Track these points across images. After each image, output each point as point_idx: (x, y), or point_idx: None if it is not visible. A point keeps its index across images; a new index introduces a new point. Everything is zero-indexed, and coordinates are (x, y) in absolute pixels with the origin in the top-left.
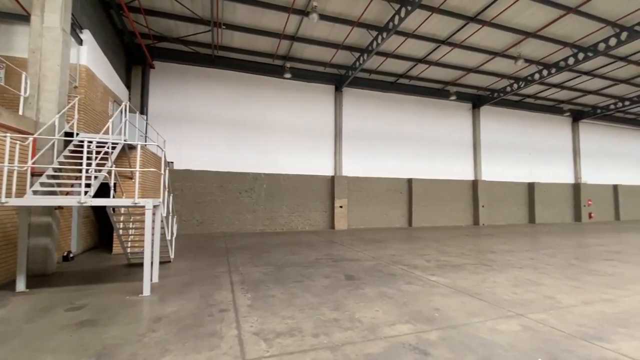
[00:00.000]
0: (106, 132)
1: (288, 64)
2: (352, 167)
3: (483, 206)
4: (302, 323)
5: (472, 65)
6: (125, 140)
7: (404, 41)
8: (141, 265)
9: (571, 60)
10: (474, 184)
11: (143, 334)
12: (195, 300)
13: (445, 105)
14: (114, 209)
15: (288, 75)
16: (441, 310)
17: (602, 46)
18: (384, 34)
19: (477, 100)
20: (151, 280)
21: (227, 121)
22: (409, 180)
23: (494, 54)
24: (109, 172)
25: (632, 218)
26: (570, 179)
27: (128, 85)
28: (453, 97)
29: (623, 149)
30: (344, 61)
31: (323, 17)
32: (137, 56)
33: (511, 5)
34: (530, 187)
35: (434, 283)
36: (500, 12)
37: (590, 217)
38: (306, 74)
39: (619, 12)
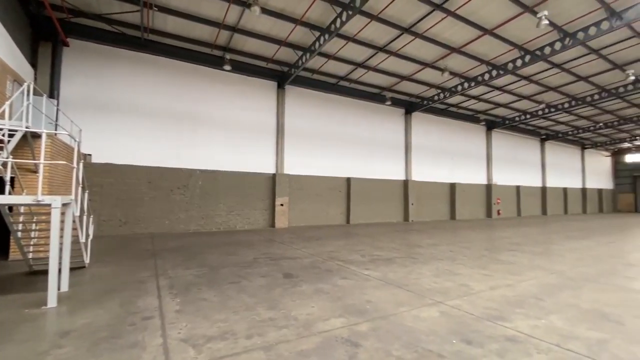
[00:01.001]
0: (2, 117)
1: (228, 56)
2: (294, 166)
3: (412, 204)
4: (236, 325)
5: (406, 73)
6: (27, 127)
7: (345, 44)
8: (46, 272)
9: (487, 76)
10: (405, 183)
11: (45, 352)
12: (114, 309)
13: (382, 110)
14: (10, 208)
15: (228, 68)
16: (373, 302)
17: (510, 66)
18: (326, 36)
19: (409, 106)
20: (59, 289)
21: (159, 112)
22: (348, 180)
23: (425, 64)
24: (4, 164)
25: (529, 214)
26: (484, 180)
27: (34, 64)
28: (388, 102)
29: (524, 155)
30: (287, 58)
31: (266, 11)
32: (47, 30)
33: (439, 21)
34: (452, 187)
35: (367, 277)
36: (431, 27)
37: (498, 213)
38: (247, 67)
39: (525, 37)
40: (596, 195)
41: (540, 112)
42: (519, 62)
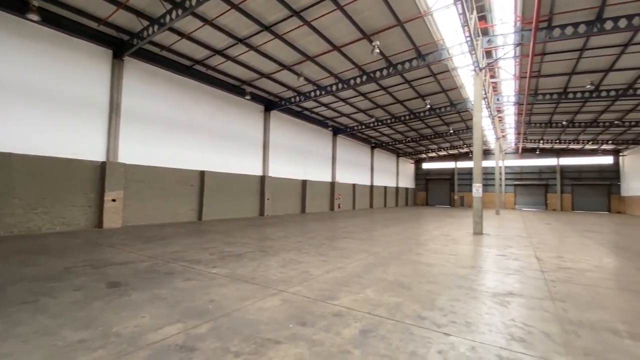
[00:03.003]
0: None
1: (36, 1)
2: (133, 153)
3: (268, 199)
4: (25, 358)
5: (266, 71)
6: None
7: (202, 26)
8: None
9: (334, 87)
10: (262, 179)
11: None
12: None
13: (241, 103)
14: None
15: (35, 17)
16: (216, 301)
17: (352, 82)
18: (179, 11)
19: (269, 104)
20: None
21: None
22: (202, 173)
23: (283, 66)
24: None
25: (361, 207)
26: (329, 178)
27: None
28: (248, 97)
29: (360, 159)
30: (129, 25)
31: None
32: None
33: (296, 28)
34: (304, 183)
35: (214, 275)
36: (289, 31)
37: (339, 207)
38: (68, 23)
39: (363, 59)
40: (405, 193)
41: (371, 124)
42: (358, 80)
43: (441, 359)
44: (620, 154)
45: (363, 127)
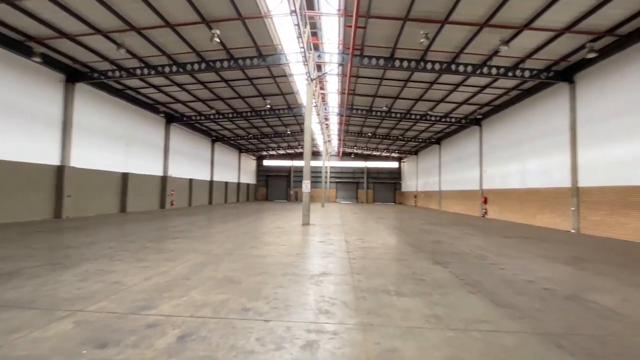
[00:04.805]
0: None
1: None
2: None
3: (69, 196)
4: None
5: (70, 30)
6: None
7: None
8: None
9: (167, 69)
10: (60, 169)
11: None
12: None
13: (26, 67)
14: None
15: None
16: None
17: (189, 67)
18: None
19: (73, 74)
20: None
21: None
22: None
23: (97, 30)
24: None
25: (199, 203)
26: (160, 172)
27: None
28: (38, 59)
29: (199, 152)
30: None
31: None
32: None
33: None
34: (125, 177)
35: None
36: None
37: (172, 204)
38: None
39: (202, 46)
40: (246, 188)
41: (212, 116)
42: (196, 66)
43: (259, 345)
44: (402, 160)
45: (203, 118)
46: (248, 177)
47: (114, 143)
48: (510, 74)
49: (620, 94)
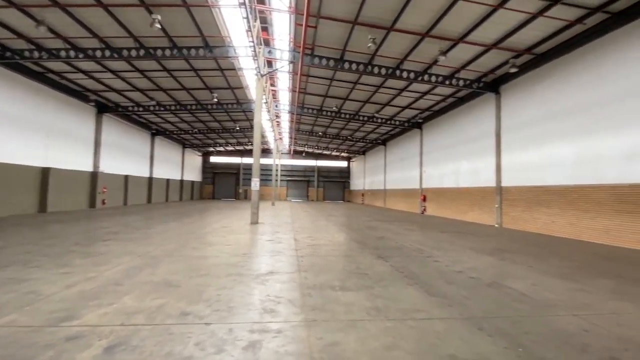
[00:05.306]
0: None
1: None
2: None
3: None
4: None
5: None
6: None
7: None
8: None
9: (99, 53)
10: None
11: None
12: None
13: None
14: None
15: None
16: None
17: (125, 53)
18: None
19: None
20: None
21: None
22: None
23: (10, 2)
24: None
25: (136, 202)
26: (89, 167)
27: None
28: None
29: (136, 146)
30: None
31: None
32: None
33: None
34: (45, 172)
35: None
36: None
37: (103, 203)
38: None
39: (141, 31)
40: (190, 186)
41: (151, 108)
42: (134, 53)
43: (198, 350)
44: (351, 160)
45: (141, 109)
46: (193, 174)
47: (31, 133)
48: (447, 82)
49: (532, 107)
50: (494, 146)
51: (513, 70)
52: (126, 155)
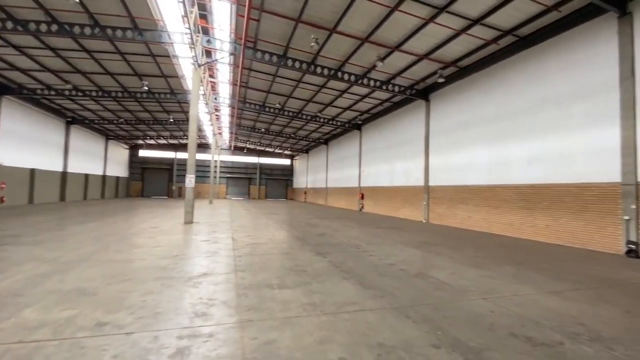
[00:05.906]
0: None
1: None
2: None
3: None
4: None
5: None
6: None
7: None
8: None
9: None
10: None
11: None
12: None
13: None
14: None
15: None
16: None
17: (32, 26)
18: None
19: None
20: None
21: None
22: None
23: None
24: None
25: (46, 200)
26: None
27: None
28: None
29: (46, 135)
30: None
31: None
32: None
33: None
34: None
35: None
36: None
37: (1, 201)
38: None
39: (56, 3)
40: (114, 182)
41: (67, 92)
42: (43, 27)
43: None
44: (294, 158)
45: (53, 93)
46: (118, 169)
47: None
48: (384, 87)
49: (456, 114)
50: (423, 149)
51: (441, 80)
52: (34, 145)
